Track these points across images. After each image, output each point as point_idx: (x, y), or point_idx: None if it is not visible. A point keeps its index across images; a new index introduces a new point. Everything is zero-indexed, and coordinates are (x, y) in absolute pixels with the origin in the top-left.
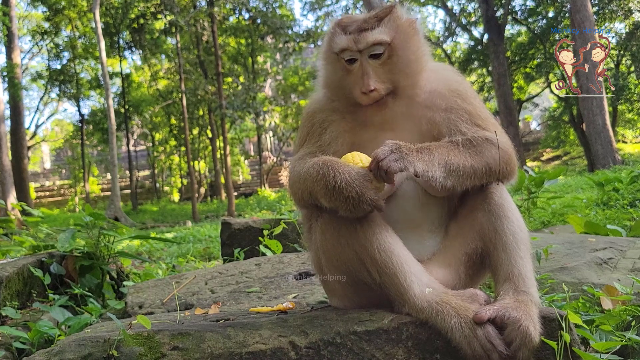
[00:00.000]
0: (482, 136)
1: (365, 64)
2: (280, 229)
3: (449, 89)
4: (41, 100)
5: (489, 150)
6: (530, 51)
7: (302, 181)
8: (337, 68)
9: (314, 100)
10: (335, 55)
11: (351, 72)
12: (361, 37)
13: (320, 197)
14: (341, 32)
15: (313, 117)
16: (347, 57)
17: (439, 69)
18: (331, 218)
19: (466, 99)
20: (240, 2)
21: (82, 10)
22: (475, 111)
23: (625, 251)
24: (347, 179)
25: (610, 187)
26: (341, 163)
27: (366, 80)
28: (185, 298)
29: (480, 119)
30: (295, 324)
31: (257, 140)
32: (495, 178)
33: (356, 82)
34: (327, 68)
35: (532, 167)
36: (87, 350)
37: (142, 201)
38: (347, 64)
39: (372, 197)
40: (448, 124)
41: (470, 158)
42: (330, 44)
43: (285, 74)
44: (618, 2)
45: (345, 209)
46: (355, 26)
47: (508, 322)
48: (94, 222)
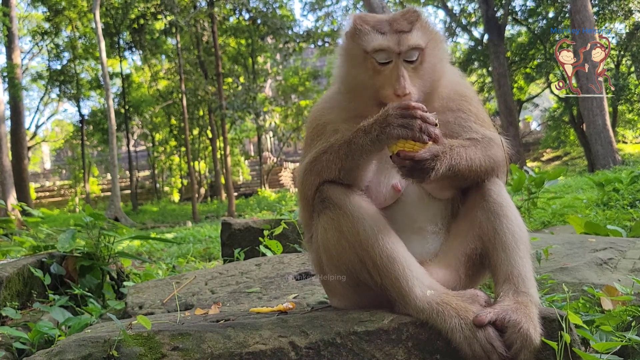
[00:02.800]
0: (489, 136)
1: (401, 66)
2: (280, 229)
3: (458, 94)
4: (41, 101)
5: (495, 149)
6: (530, 51)
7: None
8: (365, 68)
9: (321, 107)
10: (363, 54)
11: (382, 73)
12: (402, 38)
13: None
14: (374, 31)
15: (319, 124)
16: (382, 60)
17: (449, 72)
18: (333, 217)
19: (471, 102)
20: (240, 2)
21: (82, 11)
22: (479, 114)
23: (625, 251)
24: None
25: (610, 187)
26: None
27: (402, 83)
28: (185, 298)
29: (484, 122)
30: (296, 325)
31: (257, 141)
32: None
33: (388, 84)
34: (350, 67)
35: (532, 168)
36: (87, 351)
37: (142, 201)
38: (378, 65)
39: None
40: (459, 122)
41: (479, 157)
42: (357, 41)
43: (286, 75)
44: (618, 3)
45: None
46: (389, 27)
47: (508, 325)
48: (94, 223)
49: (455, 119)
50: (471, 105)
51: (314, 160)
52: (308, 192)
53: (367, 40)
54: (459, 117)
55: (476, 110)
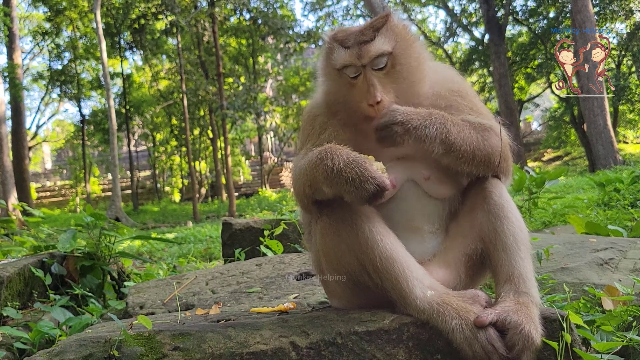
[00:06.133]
0: (486, 124)
1: (370, 76)
2: (281, 229)
3: (449, 90)
4: (42, 101)
5: (491, 137)
6: (531, 51)
7: (303, 173)
8: (340, 84)
9: (314, 105)
10: (336, 71)
11: (355, 86)
12: (363, 50)
13: (321, 183)
14: (340, 46)
15: (314, 120)
16: (352, 74)
17: (439, 70)
18: (331, 222)
19: (466, 98)
20: (241, 2)
21: (83, 11)
22: (476, 108)
23: (626, 251)
24: (345, 160)
25: (611, 187)
26: (339, 147)
27: (372, 92)
28: (186, 298)
29: (481, 113)
30: (296, 325)
31: (258, 141)
32: (493, 170)
33: (362, 96)
34: (328, 84)
35: (533, 168)
36: (88, 351)
37: (143, 201)
38: (350, 79)
39: (374, 174)
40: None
41: (470, 134)
42: (329, 60)
43: (286, 75)
44: (619, 3)
45: (348, 192)
46: (354, 39)
47: (509, 326)
48: (94, 223)
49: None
50: (464, 100)
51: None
52: (300, 193)
53: (335, 57)
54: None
55: (470, 103)
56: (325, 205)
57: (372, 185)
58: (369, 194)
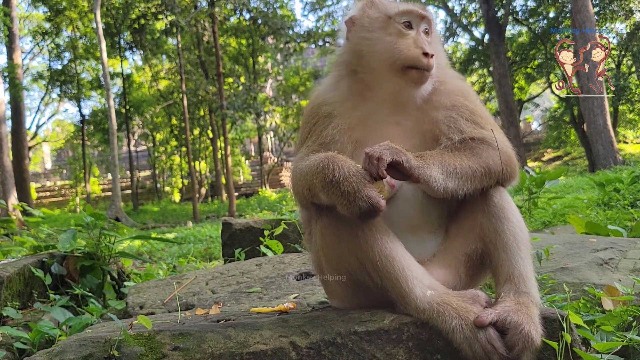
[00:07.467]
0: (480, 137)
1: (422, 33)
2: (281, 229)
3: (454, 87)
4: (42, 101)
5: (488, 152)
6: (531, 51)
7: (304, 176)
8: (389, 32)
9: (321, 91)
10: (386, 19)
11: (406, 36)
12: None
13: (318, 190)
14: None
15: (319, 109)
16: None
17: (446, 67)
18: (331, 222)
19: (468, 98)
20: (241, 2)
21: (83, 11)
22: (476, 110)
23: (626, 251)
24: (345, 173)
25: (611, 187)
26: (343, 159)
27: (428, 44)
28: (186, 298)
29: (481, 117)
30: (296, 324)
31: (258, 141)
32: (496, 180)
33: (416, 45)
34: (366, 36)
35: (533, 168)
36: (88, 351)
37: (142, 201)
38: (404, 29)
39: (369, 193)
40: (448, 122)
41: (467, 159)
42: (380, 7)
43: (286, 75)
44: (619, 3)
45: (341, 205)
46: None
47: (509, 326)
48: (94, 223)
49: (446, 117)
50: (467, 100)
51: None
52: (300, 194)
53: (391, 6)
54: (450, 117)
55: (472, 105)
56: (325, 205)
57: (365, 203)
58: (361, 211)
